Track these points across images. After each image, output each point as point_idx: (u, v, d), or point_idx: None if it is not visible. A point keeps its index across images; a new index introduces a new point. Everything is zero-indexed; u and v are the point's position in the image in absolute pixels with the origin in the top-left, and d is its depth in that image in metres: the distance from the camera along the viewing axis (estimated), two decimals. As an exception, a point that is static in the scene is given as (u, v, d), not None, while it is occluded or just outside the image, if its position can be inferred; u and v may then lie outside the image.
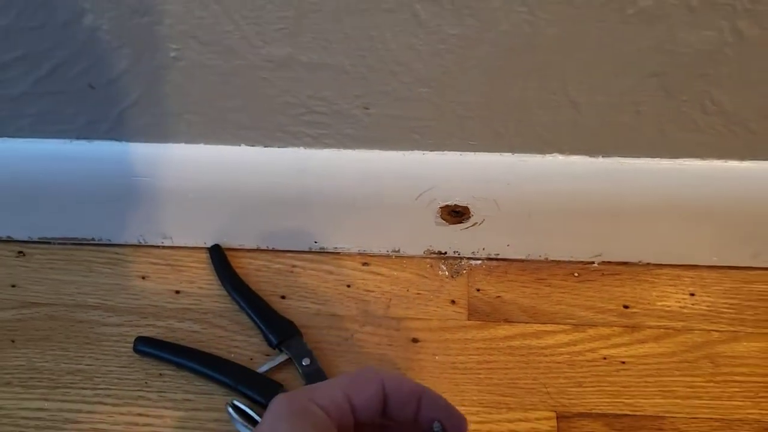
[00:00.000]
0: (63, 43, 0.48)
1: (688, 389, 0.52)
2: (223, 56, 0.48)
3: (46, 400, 0.52)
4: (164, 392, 0.52)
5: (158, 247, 0.60)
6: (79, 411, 0.51)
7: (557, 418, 0.51)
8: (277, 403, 0.31)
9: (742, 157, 0.51)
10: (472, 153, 0.52)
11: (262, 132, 0.53)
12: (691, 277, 0.57)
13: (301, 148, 0.53)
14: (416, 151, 0.53)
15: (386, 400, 0.33)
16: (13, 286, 0.58)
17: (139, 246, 0.60)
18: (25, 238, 0.61)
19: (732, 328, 0.55)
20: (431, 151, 0.53)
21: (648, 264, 0.58)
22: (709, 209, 0.54)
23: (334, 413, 0.31)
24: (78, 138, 0.54)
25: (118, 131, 0.53)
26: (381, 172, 0.54)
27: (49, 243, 0.61)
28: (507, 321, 0.56)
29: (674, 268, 0.58)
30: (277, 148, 0.53)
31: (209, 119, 0.52)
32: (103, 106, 0.52)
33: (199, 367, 0.53)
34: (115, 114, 0.52)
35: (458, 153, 0.53)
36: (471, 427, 0.51)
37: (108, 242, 0.60)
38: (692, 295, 0.56)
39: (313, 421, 0.30)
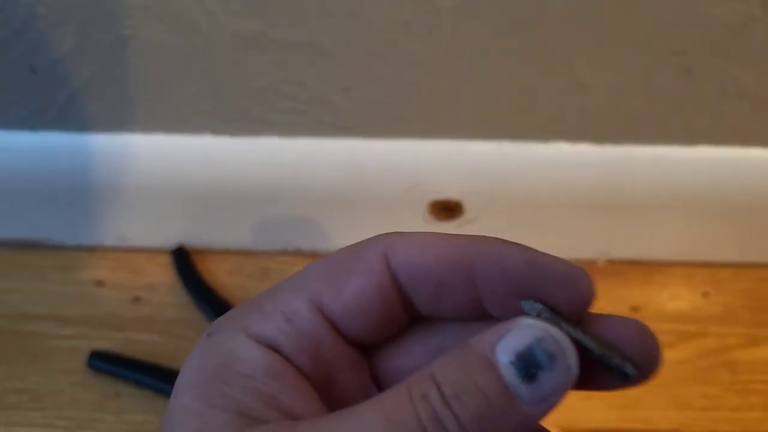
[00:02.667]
0: (-3, 19, 0.43)
1: (704, 400, 0.48)
2: (183, 33, 0.43)
3: (-11, 424, 0.47)
4: (122, 413, 0.48)
5: (115, 249, 0.55)
6: (26, 436, 0.46)
7: (563, 435, 0.46)
8: (189, 358, 0.19)
9: (765, 144, 0.47)
10: (467, 141, 0.49)
11: (230, 120, 0.48)
12: (705, 276, 0.53)
13: (275, 137, 0.49)
14: (403, 140, 0.49)
15: (405, 290, 0.20)
16: (-49, 295, 0.53)
17: (93, 248, 0.55)
18: (-35, 241, 0.55)
19: (750, 332, 0.51)
20: (420, 139, 0.49)
21: (658, 262, 0.54)
22: (727, 201, 0.50)
23: (295, 342, 0.19)
24: (21, 128, 0.50)
25: (65, 120, 0.49)
26: (364, 163, 0.50)
27: (-8, 245, 0.55)
28: (505, 327, 0.51)
29: (686, 266, 0.54)
30: (246, 138, 0.49)
31: (169, 106, 0.48)
32: (48, 91, 0.47)
33: (161, 385, 0.48)
34: (62, 100, 0.48)
35: (451, 141, 0.49)
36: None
37: (59, 244, 0.55)
38: (706, 295, 0.53)
39: (235, 392, 0.18)
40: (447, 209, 0.51)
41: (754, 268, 0.53)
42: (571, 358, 0.18)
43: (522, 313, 0.18)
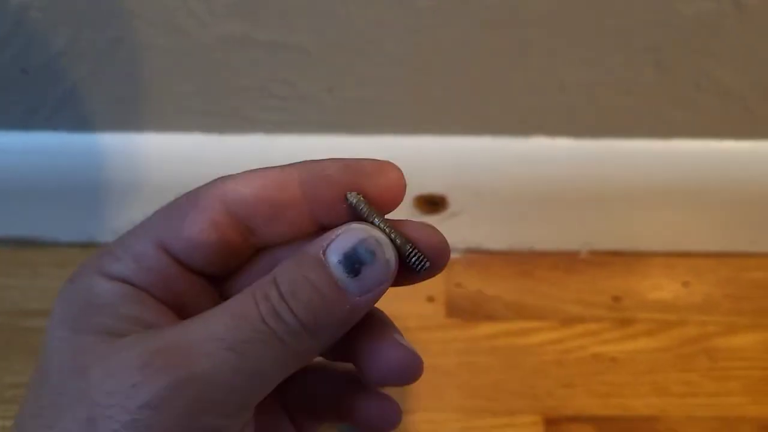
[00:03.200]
0: (-12, 23, 0.43)
1: (684, 387, 0.49)
2: (171, 36, 0.43)
3: (-13, 418, 0.48)
4: (118, 406, 0.48)
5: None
6: (24, 429, 0.47)
7: (545, 422, 0.47)
8: (58, 297, 0.21)
9: (738, 137, 0.48)
10: (450, 137, 0.49)
11: (218, 118, 0.48)
12: (685, 266, 0.54)
13: (262, 134, 0.49)
14: (387, 136, 0.49)
15: (244, 222, 0.21)
16: (-50, 291, 0.53)
17: (88, 245, 0.55)
18: (-38, 239, 0.56)
19: (729, 320, 0.52)
20: (403, 135, 0.49)
21: (639, 253, 0.55)
22: (705, 192, 0.51)
23: (146, 276, 0.21)
24: (15, 128, 0.50)
25: (57, 120, 0.49)
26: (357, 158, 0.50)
27: (-11, 243, 0.56)
28: (489, 318, 0.52)
29: (667, 256, 0.54)
30: (235, 135, 0.49)
31: (160, 105, 0.48)
32: (40, 92, 0.47)
33: None
34: (54, 101, 0.48)
35: (434, 137, 0.49)
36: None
37: (54, 241, 0.55)
38: (686, 285, 0.53)
39: (98, 317, 0.20)
40: (432, 203, 0.52)
41: (734, 258, 0.54)
42: (389, 253, 0.20)
43: (346, 202, 0.21)
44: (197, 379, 0.18)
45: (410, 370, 0.22)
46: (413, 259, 0.21)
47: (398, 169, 0.21)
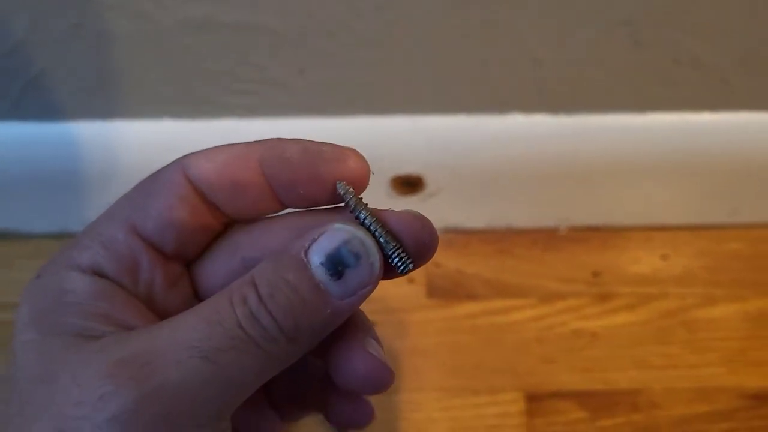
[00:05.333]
0: (-57, 11, 0.41)
1: (664, 359, 0.49)
2: (132, 21, 0.42)
3: (-35, 415, 0.47)
4: (98, 398, 0.48)
5: (84, 235, 0.55)
6: (3, 425, 0.47)
7: (527, 399, 0.47)
8: (22, 296, 0.20)
9: (714, 108, 0.47)
10: (423, 116, 0.48)
11: (188, 104, 0.47)
12: (664, 239, 0.54)
13: (233, 119, 0.48)
14: (361, 117, 0.48)
15: (209, 200, 0.21)
16: None
17: (62, 235, 0.54)
18: (-68, 234, 0.55)
19: (707, 291, 0.52)
20: (377, 115, 0.48)
21: (617, 227, 0.54)
22: (681, 165, 0.50)
23: (117, 264, 0.20)
24: (-22, 119, 0.48)
25: (22, 110, 0.48)
26: (322, 141, 0.49)
27: (-40, 237, 0.55)
28: (470, 297, 0.52)
29: (645, 230, 0.54)
30: (205, 121, 0.48)
31: (127, 92, 0.47)
32: (2, 82, 0.46)
33: None
34: (17, 91, 0.47)
35: (408, 117, 0.48)
36: (434, 415, 0.48)
37: (27, 233, 0.54)
38: (665, 258, 0.53)
39: (66, 317, 0.19)
40: (409, 184, 0.51)
41: (711, 230, 0.54)
42: (374, 256, 0.19)
43: (336, 192, 0.20)
44: (167, 390, 0.18)
45: (378, 381, 0.21)
46: (396, 260, 0.20)
47: (360, 157, 0.21)
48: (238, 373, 0.18)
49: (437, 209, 0.53)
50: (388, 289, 0.52)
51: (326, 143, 0.22)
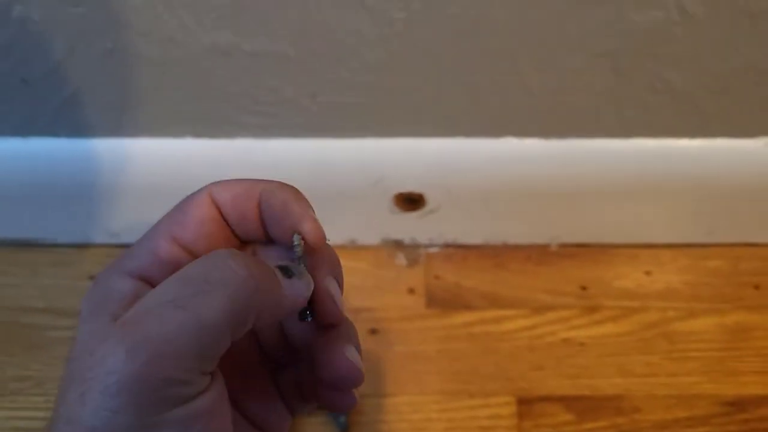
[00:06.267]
0: (-10, 36, 0.46)
1: (646, 367, 0.52)
2: (162, 46, 0.46)
3: (-7, 409, 0.50)
4: (117, 396, 0.51)
5: (105, 245, 0.58)
6: (31, 419, 0.50)
7: (518, 402, 0.51)
8: (86, 300, 0.24)
9: (693, 135, 0.51)
10: (425, 138, 0.52)
11: (208, 124, 0.51)
12: (648, 256, 0.57)
13: (250, 138, 0.52)
14: (367, 139, 0.52)
15: (227, 220, 0.26)
16: (-47, 291, 0.56)
17: (85, 245, 0.58)
18: (-36, 241, 0.58)
19: (687, 305, 0.55)
20: (383, 137, 0.52)
21: (604, 244, 0.58)
22: (663, 187, 0.54)
23: (160, 270, 0.24)
24: (14, 135, 0.52)
25: (56, 127, 0.52)
26: (332, 161, 0.52)
27: (-11, 245, 0.58)
28: (466, 308, 0.55)
29: (630, 247, 0.58)
30: (224, 140, 0.52)
31: (152, 112, 0.50)
32: (39, 101, 0.50)
33: None
34: (52, 109, 0.50)
35: (411, 139, 0.52)
36: (432, 416, 0.51)
37: (52, 242, 0.58)
38: (648, 273, 0.57)
39: (113, 312, 0.23)
40: (411, 201, 0.55)
41: (692, 248, 0.58)
42: (308, 277, 0.25)
43: (290, 239, 0.25)
44: (151, 341, 0.21)
45: (352, 380, 0.26)
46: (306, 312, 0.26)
47: (315, 223, 0.25)
48: (208, 314, 0.21)
49: (437, 225, 0.56)
50: (391, 299, 0.55)
51: (302, 206, 0.26)
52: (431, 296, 0.56)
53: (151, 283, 0.24)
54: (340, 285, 0.27)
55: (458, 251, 0.58)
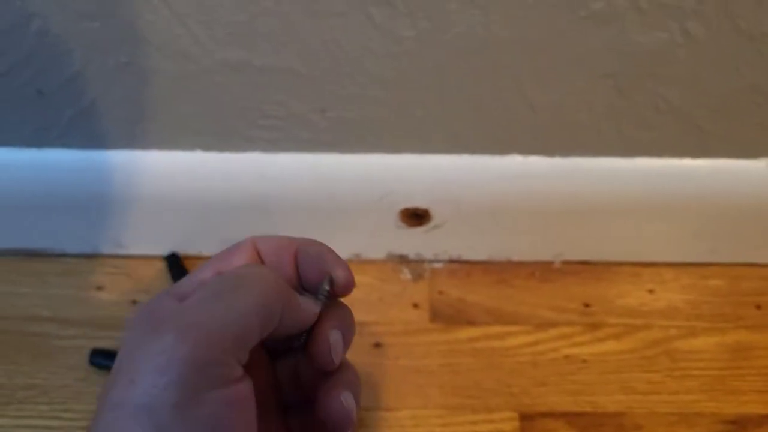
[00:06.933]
0: (8, 50, 0.47)
1: (648, 385, 0.52)
2: (175, 60, 0.47)
3: (1, 416, 0.50)
4: (122, 405, 0.51)
5: (113, 256, 0.59)
6: (35, 426, 0.50)
7: (520, 418, 0.51)
8: (135, 314, 0.27)
9: (695, 155, 0.52)
10: (431, 154, 0.53)
11: (218, 137, 0.52)
12: (650, 274, 0.58)
13: (258, 152, 0.53)
14: (375, 154, 0.52)
15: (264, 264, 0.30)
16: (-38, 299, 0.56)
17: (92, 256, 0.59)
18: (-26, 250, 0.59)
19: (689, 324, 0.56)
20: (390, 153, 0.52)
21: (608, 262, 0.58)
22: (666, 207, 0.55)
23: None
24: (28, 146, 0.53)
25: (69, 138, 0.52)
26: (340, 175, 0.53)
27: (-1, 254, 0.59)
28: (470, 323, 0.56)
29: (633, 265, 0.58)
30: (233, 153, 0.53)
31: (163, 125, 0.51)
32: (53, 112, 0.51)
33: None
34: (65, 120, 0.51)
35: (417, 155, 0.53)
36: (434, 430, 0.51)
37: (60, 252, 0.59)
38: (651, 291, 0.57)
39: (176, 323, 0.25)
40: (416, 216, 0.56)
41: (694, 267, 0.58)
42: (318, 305, 0.29)
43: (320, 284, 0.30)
44: (195, 325, 0.24)
45: (342, 425, 0.29)
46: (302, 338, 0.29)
47: (346, 269, 0.30)
48: (242, 305, 0.25)
49: (442, 240, 0.57)
50: (395, 313, 0.56)
51: (335, 254, 0.30)
52: (435, 311, 0.56)
53: None
54: (346, 342, 0.30)
55: (462, 267, 0.59)
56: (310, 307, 0.28)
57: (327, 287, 0.29)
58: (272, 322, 0.26)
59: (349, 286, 0.29)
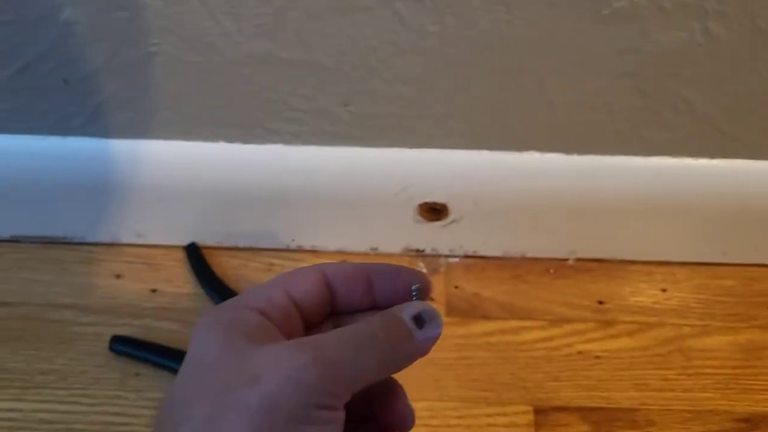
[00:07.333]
0: (37, 38, 0.47)
1: (661, 382, 0.53)
2: (202, 52, 0.48)
3: (20, 400, 0.51)
4: (142, 392, 0.51)
5: (132, 245, 0.59)
6: (55, 411, 0.51)
7: (534, 411, 0.51)
8: (204, 317, 0.28)
9: (712, 155, 0.53)
10: (451, 150, 0.53)
11: (241, 129, 0.53)
12: (663, 274, 0.59)
13: (281, 144, 0.53)
14: (395, 148, 0.53)
15: (332, 289, 0.31)
16: (-18, 285, 0.57)
17: (112, 244, 0.59)
18: (-6, 237, 0.60)
19: (702, 323, 0.56)
20: (410, 148, 0.53)
21: (621, 260, 0.59)
22: (681, 206, 0.55)
23: (274, 312, 0.29)
24: (51, 134, 0.54)
25: (93, 127, 0.53)
26: (360, 169, 0.54)
27: (18, 242, 0.59)
28: (485, 317, 0.56)
29: (646, 264, 0.59)
30: (256, 145, 0.53)
31: (187, 115, 0.52)
32: (78, 101, 0.51)
33: (178, 366, 0.51)
34: (91, 109, 0.52)
35: (437, 150, 0.53)
36: (450, 422, 0.52)
37: (80, 241, 0.59)
38: (664, 290, 0.58)
39: (246, 329, 0.27)
40: (434, 210, 0.56)
41: (707, 267, 0.59)
42: (440, 319, 0.30)
43: (411, 288, 0.31)
44: (327, 359, 0.26)
45: (407, 426, 0.31)
46: None
47: (424, 274, 0.31)
48: (368, 362, 0.27)
49: (459, 235, 0.58)
50: (410, 307, 0.56)
51: (412, 271, 0.31)
52: (451, 305, 0.57)
53: (269, 319, 0.29)
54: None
55: (477, 262, 0.59)
56: (428, 334, 0.29)
57: (418, 295, 0.31)
58: (390, 373, 0.28)
59: (431, 289, 0.31)
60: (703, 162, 0.53)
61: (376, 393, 0.32)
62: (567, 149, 0.53)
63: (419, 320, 0.29)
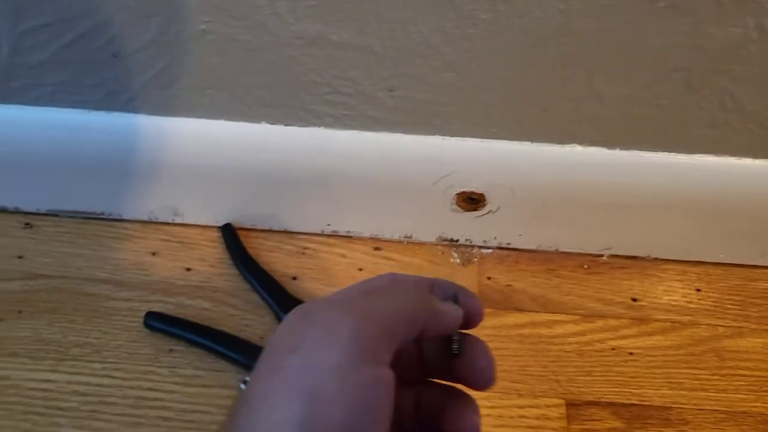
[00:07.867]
0: (91, 11, 0.47)
1: (695, 381, 0.53)
2: (253, 31, 0.48)
3: (54, 371, 0.51)
4: (175, 368, 0.52)
5: (169, 224, 0.60)
6: (88, 384, 0.51)
7: (566, 405, 0.51)
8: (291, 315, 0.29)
9: (755, 155, 0.52)
10: (492, 140, 0.53)
11: (285, 110, 0.53)
12: (698, 273, 0.58)
13: (322, 128, 0.53)
14: (437, 136, 0.53)
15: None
16: (20, 257, 0.57)
17: (149, 222, 0.60)
18: (33, 210, 0.60)
19: (737, 324, 0.56)
20: (452, 136, 0.53)
21: (656, 258, 0.59)
22: (721, 206, 0.55)
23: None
24: (97, 109, 0.54)
25: (137, 103, 0.53)
26: (400, 155, 0.54)
27: (57, 216, 0.60)
28: (517, 309, 0.56)
29: (681, 263, 0.59)
30: (297, 127, 0.54)
31: (232, 95, 0.52)
32: (125, 77, 0.51)
33: (211, 344, 0.52)
34: (137, 86, 0.52)
35: (478, 140, 0.53)
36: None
37: (118, 217, 0.60)
38: (698, 290, 0.58)
39: (339, 303, 0.28)
40: (471, 200, 0.56)
41: (742, 269, 0.59)
42: (459, 308, 0.31)
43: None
44: (357, 306, 0.27)
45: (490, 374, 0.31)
46: (454, 345, 0.31)
47: (479, 301, 0.32)
48: (415, 317, 0.28)
49: (494, 226, 0.58)
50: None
51: (459, 285, 0.32)
52: (483, 296, 0.57)
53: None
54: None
55: (511, 254, 0.59)
56: (452, 310, 0.30)
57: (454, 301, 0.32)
58: (417, 324, 0.28)
59: (479, 309, 0.32)
60: (747, 162, 0.53)
61: (446, 402, 0.32)
62: (610, 143, 0.53)
63: (448, 298, 0.31)
